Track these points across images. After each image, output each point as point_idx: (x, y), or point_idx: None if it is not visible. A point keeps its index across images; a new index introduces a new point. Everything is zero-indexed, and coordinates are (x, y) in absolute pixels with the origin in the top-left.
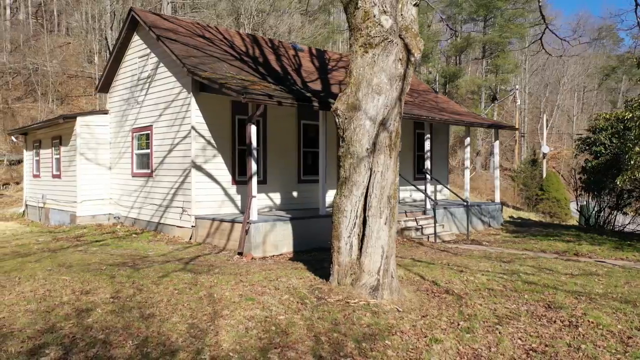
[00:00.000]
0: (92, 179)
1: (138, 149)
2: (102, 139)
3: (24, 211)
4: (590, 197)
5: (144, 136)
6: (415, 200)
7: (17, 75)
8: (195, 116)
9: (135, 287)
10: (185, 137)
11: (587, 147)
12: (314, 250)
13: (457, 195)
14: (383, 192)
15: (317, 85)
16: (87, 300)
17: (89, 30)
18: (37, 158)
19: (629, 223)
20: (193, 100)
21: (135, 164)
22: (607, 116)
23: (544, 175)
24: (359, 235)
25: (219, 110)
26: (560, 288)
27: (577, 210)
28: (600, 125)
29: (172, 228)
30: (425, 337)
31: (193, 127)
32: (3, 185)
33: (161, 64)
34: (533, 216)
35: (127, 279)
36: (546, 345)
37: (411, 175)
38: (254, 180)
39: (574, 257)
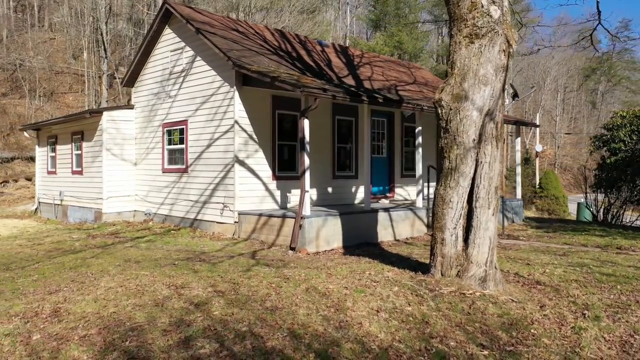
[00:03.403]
0: (118, 175)
1: (170, 144)
2: (128, 135)
3: (36, 208)
4: (604, 193)
5: (177, 131)
6: None
7: (1, 70)
8: (238, 110)
9: (229, 281)
10: (226, 131)
11: (602, 145)
12: (363, 245)
13: None
14: (491, 182)
15: (350, 81)
16: (190, 294)
17: (72, 25)
18: (53, 154)
19: (636, 219)
20: (236, 94)
21: (166, 159)
22: (624, 114)
23: (537, 173)
24: (463, 226)
25: (260, 104)
26: None
27: (585, 206)
28: (618, 123)
29: (211, 224)
30: (563, 325)
31: (236, 122)
32: (1, 184)
33: (198, 58)
34: (531, 213)
35: (211, 273)
36: None
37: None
38: (307, 174)
39: (620, 250)
